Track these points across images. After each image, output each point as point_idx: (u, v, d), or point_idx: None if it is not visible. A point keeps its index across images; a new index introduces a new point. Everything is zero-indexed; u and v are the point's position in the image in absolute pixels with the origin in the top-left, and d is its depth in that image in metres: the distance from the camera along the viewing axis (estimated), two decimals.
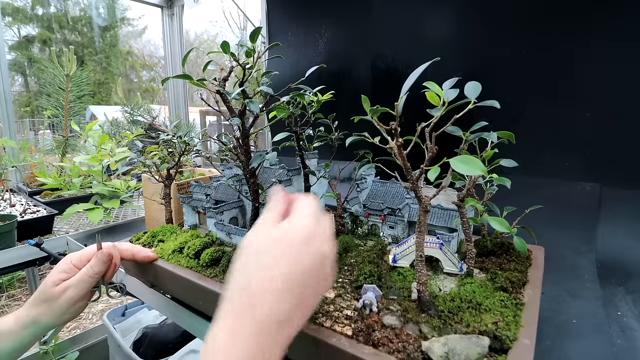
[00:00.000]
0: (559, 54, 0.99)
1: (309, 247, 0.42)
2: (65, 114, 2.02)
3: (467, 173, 0.41)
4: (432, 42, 1.19)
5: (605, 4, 0.92)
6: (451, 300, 0.56)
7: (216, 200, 0.94)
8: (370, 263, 0.69)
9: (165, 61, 2.64)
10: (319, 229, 0.45)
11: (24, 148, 1.86)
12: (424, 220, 0.53)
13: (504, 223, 0.53)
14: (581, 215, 0.97)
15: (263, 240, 0.43)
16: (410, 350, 0.47)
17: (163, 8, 2.49)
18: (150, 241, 0.89)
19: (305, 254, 0.42)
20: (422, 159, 0.51)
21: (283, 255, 0.41)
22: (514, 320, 0.51)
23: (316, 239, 0.43)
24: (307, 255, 0.42)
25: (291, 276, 0.40)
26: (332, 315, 0.55)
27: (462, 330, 0.50)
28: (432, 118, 0.49)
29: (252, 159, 0.64)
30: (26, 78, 10.99)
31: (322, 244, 0.44)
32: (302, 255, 0.41)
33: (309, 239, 0.43)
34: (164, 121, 2.18)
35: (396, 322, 0.52)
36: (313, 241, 0.43)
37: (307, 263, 0.41)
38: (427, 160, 0.50)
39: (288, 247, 0.42)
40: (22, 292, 3.00)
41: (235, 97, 0.58)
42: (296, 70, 1.56)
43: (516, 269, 0.68)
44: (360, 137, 0.61)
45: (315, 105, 0.74)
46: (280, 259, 0.41)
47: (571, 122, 1.00)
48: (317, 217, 0.46)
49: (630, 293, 0.79)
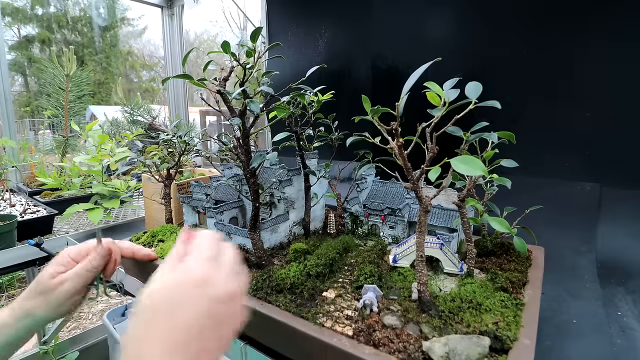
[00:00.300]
0: (559, 54, 0.99)
1: (206, 291, 0.39)
2: (65, 114, 2.01)
3: (467, 173, 0.41)
4: (432, 43, 1.19)
5: (605, 4, 0.92)
6: (452, 301, 0.56)
7: (216, 200, 0.94)
8: (370, 263, 0.69)
9: (165, 61, 2.63)
10: (215, 268, 0.42)
11: (24, 148, 1.86)
12: (425, 220, 0.53)
13: (504, 223, 0.53)
14: (581, 215, 0.97)
15: (157, 291, 0.40)
16: (411, 350, 0.47)
17: (163, 8, 2.49)
18: (150, 241, 0.89)
19: (201, 299, 0.38)
20: (423, 159, 0.51)
21: (177, 307, 0.38)
22: (515, 321, 0.52)
23: (214, 280, 0.40)
24: (203, 300, 0.38)
25: (186, 330, 0.36)
26: (332, 315, 0.55)
27: (463, 330, 0.50)
28: (433, 118, 0.49)
29: (253, 158, 0.64)
30: (26, 78, 10.99)
31: (224, 283, 0.41)
32: (198, 302, 0.38)
33: (205, 282, 0.40)
34: (164, 121, 2.18)
35: (397, 322, 0.52)
36: (211, 283, 0.40)
37: (203, 310, 0.38)
38: (427, 161, 0.50)
39: (182, 296, 0.38)
40: (22, 292, 3.00)
41: (236, 97, 0.58)
42: (296, 70, 1.56)
43: (516, 269, 0.68)
44: (360, 137, 0.61)
45: (315, 105, 0.74)
46: (173, 311, 0.37)
47: (571, 122, 1.00)
48: (214, 256, 0.44)
49: (630, 293, 0.79)
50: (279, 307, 0.58)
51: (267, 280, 0.64)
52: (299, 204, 0.87)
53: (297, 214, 0.87)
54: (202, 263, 0.42)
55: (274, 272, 0.65)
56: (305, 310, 0.56)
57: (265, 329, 0.58)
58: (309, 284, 0.62)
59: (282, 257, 0.77)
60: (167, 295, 0.39)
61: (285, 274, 0.64)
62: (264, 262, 0.70)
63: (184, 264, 0.42)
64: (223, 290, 0.40)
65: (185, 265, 0.42)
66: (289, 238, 0.85)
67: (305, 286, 0.62)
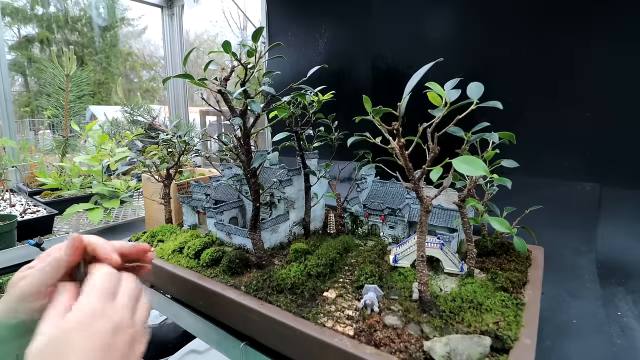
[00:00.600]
0: (559, 54, 0.99)
1: (97, 324, 0.39)
2: (65, 114, 2.01)
3: (469, 173, 0.41)
4: (432, 43, 1.19)
5: (605, 4, 0.92)
6: (452, 300, 0.56)
7: (216, 200, 0.94)
8: (371, 263, 0.69)
9: (165, 61, 2.63)
10: (107, 301, 0.42)
11: (24, 148, 1.86)
12: (426, 220, 0.53)
13: (505, 223, 0.53)
14: (581, 215, 0.97)
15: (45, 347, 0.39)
16: (412, 350, 0.47)
17: (163, 8, 2.49)
18: (149, 241, 0.89)
19: (93, 336, 0.39)
20: (423, 159, 0.51)
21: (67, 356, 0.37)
22: (515, 320, 0.52)
23: (106, 312, 0.41)
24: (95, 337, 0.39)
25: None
26: (333, 316, 0.55)
27: (464, 330, 0.50)
28: (434, 118, 0.49)
29: (254, 158, 0.64)
30: (26, 78, 10.99)
31: (118, 313, 0.41)
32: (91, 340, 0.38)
33: (94, 316, 0.40)
34: (164, 121, 2.18)
35: (398, 322, 0.52)
36: (102, 316, 0.40)
37: (96, 346, 0.38)
38: (429, 161, 0.50)
39: (71, 344, 0.38)
40: None
41: (237, 97, 0.58)
42: (296, 70, 1.56)
43: (516, 269, 0.68)
44: (362, 137, 0.61)
45: (316, 105, 0.74)
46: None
47: (571, 122, 1.00)
48: (108, 289, 0.44)
49: (630, 293, 0.79)
50: (280, 307, 0.58)
51: (267, 281, 0.64)
52: (299, 204, 0.87)
53: (297, 214, 0.87)
54: (93, 298, 0.42)
55: (275, 272, 0.65)
56: (306, 310, 0.56)
57: (265, 329, 0.58)
58: (310, 284, 0.62)
59: (282, 257, 0.77)
60: (55, 350, 0.38)
61: (285, 274, 0.64)
62: (264, 262, 0.70)
63: (74, 308, 0.41)
64: (117, 320, 0.41)
65: (72, 311, 0.41)
66: (289, 238, 0.85)
67: (306, 286, 0.62)
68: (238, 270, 0.70)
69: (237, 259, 0.70)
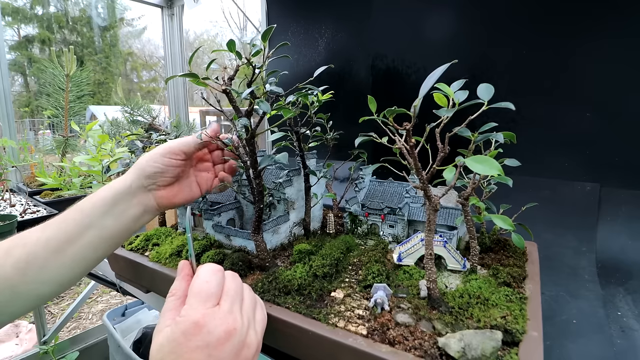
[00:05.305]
0: (559, 54, 0.99)
1: (201, 339, 0.39)
2: (65, 114, 2.01)
3: (483, 173, 0.42)
4: (432, 43, 1.19)
5: (606, 4, 0.92)
6: (460, 297, 0.57)
7: (212, 202, 0.93)
8: (377, 262, 0.69)
9: (165, 61, 2.63)
10: (210, 310, 0.41)
11: (24, 148, 1.86)
12: (434, 219, 0.53)
13: (508, 220, 0.54)
14: (581, 215, 0.97)
15: (163, 346, 0.40)
16: (427, 346, 0.47)
17: (163, 8, 2.49)
18: (144, 245, 0.86)
19: (198, 350, 0.39)
20: (425, 159, 0.51)
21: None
22: (521, 314, 0.52)
23: (209, 324, 0.40)
24: (201, 350, 0.39)
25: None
26: (344, 315, 0.55)
27: (473, 325, 0.51)
28: (441, 119, 0.50)
29: (262, 159, 0.63)
30: (26, 78, 10.99)
31: (220, 323, 0.41)
32: (196, 354, 0.38)
33: (199, 329, 0.39)
34: (164, 121, 2.18)
35: (409, 320, 0.52)
36: (205, 328, 0.40)
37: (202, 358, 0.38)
38: (438, 160, 0.50)
39: (181, 351, 0.39)
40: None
41: (245, 97, 0.58)
42: (296, 70, 1.56)
43: (515, 264, 0.69)
44: (369, 138, 0.61)
45: (316, 105, 0.74)
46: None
47: (571, 122, 1.00)
48: (212, 293, 0.43)
49: (630, 293, 0.79)
50: (289, 308, 0.58)
51: (273, 282, 0.64)
52: (298, 204, 0.86)
53: (297, 215, 0.87)
54: (196, 308, 0.42)
55: (280, 273, 0.65)
56: (315, 311, 0.56)
57: (274, 332, 0.57)
58: (317, 285, 0.62)
59: (284, 258, 0.77)
60: (171, 350, 0.39)
61: (291, 275, 0.64)
62: (267, 264, 0.70)
63: (180, 316, 0.42)
64: (220, 332, 0.40)
65: (181, 317, 0.41)
66: (289, 239, 0.85)
67: (313, 287, 0.62)
68: (241, 273, 0.69)
69: (239, 261, 0.70)
